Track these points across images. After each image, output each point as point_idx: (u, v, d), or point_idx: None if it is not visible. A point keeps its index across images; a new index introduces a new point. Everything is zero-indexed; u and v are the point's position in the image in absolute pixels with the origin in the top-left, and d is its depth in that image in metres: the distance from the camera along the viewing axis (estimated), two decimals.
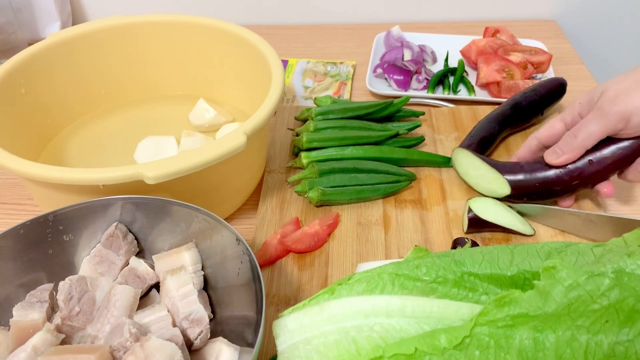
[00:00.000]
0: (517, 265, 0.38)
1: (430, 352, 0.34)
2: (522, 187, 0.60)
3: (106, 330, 0.43)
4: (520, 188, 0.60)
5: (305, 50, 0.98)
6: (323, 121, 0.69)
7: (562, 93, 0.75)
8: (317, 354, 0.37)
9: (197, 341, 0.44)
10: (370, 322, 0.37)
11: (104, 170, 0.49)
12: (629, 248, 0.36)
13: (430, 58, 0.91)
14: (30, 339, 0.41)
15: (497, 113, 0.71)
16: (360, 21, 1.07)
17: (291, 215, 0.63)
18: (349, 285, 0.40)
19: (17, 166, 0.51)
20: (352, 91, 0.87)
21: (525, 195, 0.60)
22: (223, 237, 0.47)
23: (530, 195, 0.60)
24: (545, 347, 0.33)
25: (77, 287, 0.45)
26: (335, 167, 0.65)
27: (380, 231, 0.60)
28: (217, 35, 0.73)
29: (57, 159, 0.70)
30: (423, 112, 0.76)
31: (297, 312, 0.40)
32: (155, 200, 0.49)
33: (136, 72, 0.77)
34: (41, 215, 0.47)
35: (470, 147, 0.67)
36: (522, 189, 0.60)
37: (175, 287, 0.45)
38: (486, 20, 1.05)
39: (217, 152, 0.51)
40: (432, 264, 0.39)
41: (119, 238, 0.49)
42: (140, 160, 0.68)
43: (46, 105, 0.71)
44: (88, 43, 0.72)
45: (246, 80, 0.72)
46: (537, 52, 0.87)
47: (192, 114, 0.74)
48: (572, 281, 0.33)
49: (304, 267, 0.57)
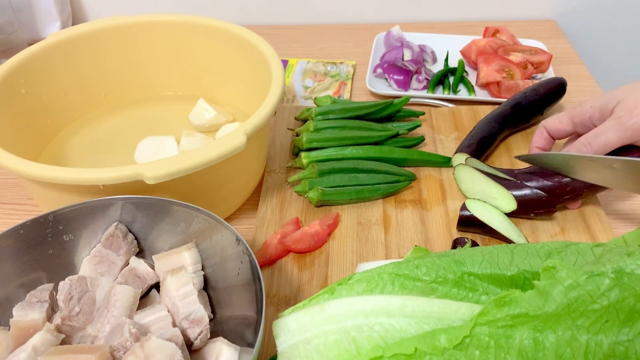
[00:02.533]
0: (517, 265, 0.38)
1: (430, 352, 0.34)
2: (528, 202, 0.58)
3: (106, 330, 0.43)
4: (527, 202, 0.58)
5: (305, 50, 0.98)
6: (323, 121, 0.69)
7: (562, 93, 0.75)
8: (317, 354, 0.37)
9: (197, 341, 0.44)
10: (370, 322, 0.37)
11: (104, 170, 0.49)
12: (629, 248, 0.36)
13: (430, 58, 0.91)
14: (30, 339, 0.41)
15: (497, 113, 0.71)
16: (360, 21, 1.07)
17: (291, 215, 0.63)
18: (349, 285, 0.40)
19: (17, 166, 0.51)
20: (352, 91, 0.87)
21: (532, 209, 0.59)
22: (223, 237, 0.47)
23: (537, 208, 0.59)
24: (545, 347, 0.33)
25: (77, 287, 0.45)
26: (335, 167, 0.65)
27: (380, 231, 0.60)
28: (217, 35, 0.73)
29: (57, 159, 0.70)
30: (423, 112, 0.76)
31: (297, 312, 0.40)
32: (155, 200, 0.49)
33: (136, 72, 0.77)
34: (41, 215, 0.47)
35: (470, 147, 0.67)
36: (529, 202, 0.58)
37: (175, 287, 0.45)
38: (486, 20, 1.05)
39: (217, 152, 0.51)
40: (432, 264, 0.39)
41: (119, 238, 0.49)
42: (140, 160, 0.68)
43: (46, 105, 0.71)
44: (88, 43, 0.72)
45: (246, 80, 0.72)
46: (537, 52, 0.87)
47: (192, 114, 0.74)
48: (572, 281, 0.33)
49: (304, 267, 0.57)
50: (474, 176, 0.62)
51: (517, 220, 0.60)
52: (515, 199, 0.58)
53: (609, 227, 0.60)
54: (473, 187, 0.62)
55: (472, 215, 0.58)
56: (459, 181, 0.64)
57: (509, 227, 0.58)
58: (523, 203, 0.58)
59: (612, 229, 0.60)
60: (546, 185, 0.58)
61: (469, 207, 0.59)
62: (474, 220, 0.58)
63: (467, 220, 0.59)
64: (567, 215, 0.61)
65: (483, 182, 0.61)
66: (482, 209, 0.59)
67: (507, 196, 0.59)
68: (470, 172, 0.62)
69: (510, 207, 0.59)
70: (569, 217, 0.61)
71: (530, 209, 0.59)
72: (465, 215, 0.59)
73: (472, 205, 0.59)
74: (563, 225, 0.60)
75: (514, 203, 0.58)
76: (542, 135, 0.63)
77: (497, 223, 0.58)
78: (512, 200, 0.58)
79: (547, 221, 0.61)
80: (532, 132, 0.74)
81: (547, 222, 0.61)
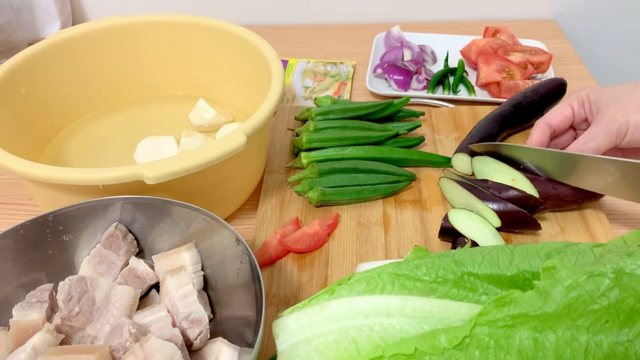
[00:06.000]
0: (517, 265, 0.38)
1: (430, 352, 0.34)
2: (509, 215, 0.57)
3: (106, 331, 0.43)
4: (508, 215, 0.57)
5: (305, 50, 0.98)
6: (323, 121, 0.69)
7: (562, 93, 0.75)
8: (317, 354, 0.37)
9: (196, 341, 0.44)
10: (370, 322, 0.37)
11: (104, 170, 0.49)
12: (629, 248, 0.36)
13: (430, 58, 0.91)
14: (30, 339, 0.41)
15: (496, 113, 0.71)
16: (360, 21, 1.07)
17: (291, 215, 0.63)
18: (349, 285, 0.40)
19: (17, 166, 0.51)
20: (352, 91, 0.87)
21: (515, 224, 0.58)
22: (223, 238, 0.47)
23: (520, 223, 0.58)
24: (545, 347, 0.33)
25: (77, 287, 0.45)
26: (335, 167, 0.65)
27: (380, 231, 0.60)
28: (217, 35, 0.73)
29: (57, 159, 0.70)
30: (423, 113, 0.76)
31: (297, 312, 0.40)
32: (155, 200, 0.49)
33: (136, 72, 0.77)
34: (41, 215, 0.47)
35: (469, 147, 0.67)
36: (510, 215, 0.57)
37: (175, 287, 0.45)
38: (486, 20, 1.05)
39: (217, 152, 0.51)
40: (432, 264, 0.39)
41: (118, 238, 0.49)
42: (140, 160, 0.68)
43: (46, 105, 0.71)
44: (88, 43, 0.72)
45: (246, 80, 0.72)
46: (537, 52, 0.87)
47: (192, 114, 0.74)
48: (572, 281, 0.33)
49: (304, 267, 0.57)
50: (458, 191, 0.61)
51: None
52: (497, 215, 0.57)
53: (608, 228, 0.60)
54: (459, 199, 0.61)
55: (454, 227, 0.57)
56: (444, 192, 0.64)
57: (492, 240, 0.56)
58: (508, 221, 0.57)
59: (612, 229, 0.60)
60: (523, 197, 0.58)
61: (451, 220, 0.57)
62: (455, 232, 0.57)
63: (448, 230, 0.57)
64: (567, 216, 0.61)
65: (467, 197, 0.60)
66: (467, 219, 0.57)
67: (491, 214, 0.57)
68: (452, 185, 0.62)
69: (494, 225, 0.57)
70: (569, 217, 0.61)
71: (515, 227, 0.58)
72: (447, 226, 0.57)
73: (454, 216, 0.57)
74: (563, 225, 0.60)
75: (498, 221, 0.57)
76: (545, 133, 0.62)
77: (480, 236, 0.56)
78: (495, 219, 0.57)
79: (547, 221, 0.61)
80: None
81: (547, 222, 0.61)
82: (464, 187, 0.60)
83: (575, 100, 0.62)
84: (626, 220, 0.63)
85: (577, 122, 0.63)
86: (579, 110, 0.62)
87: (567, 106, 0.62)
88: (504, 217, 0.57)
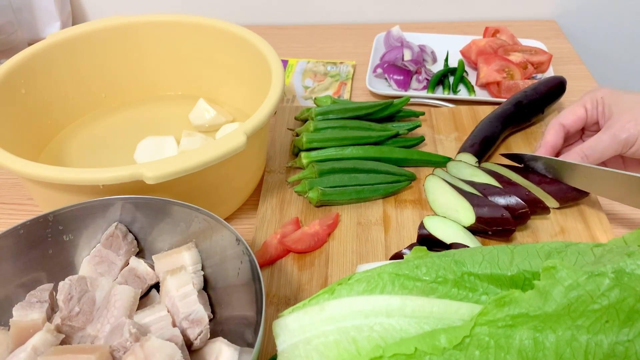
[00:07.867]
0: (517, 265, 0.38)
1: (430, 352, 0.34)
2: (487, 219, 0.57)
3: (106, 331, 0.43)
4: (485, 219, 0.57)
5: (305, 50, 0.98)
6: (323, 121, 0.69)
7: (562, 91, 0.75)
8: (317, 354, 0.37)
9: (197, 341, 0.44)
10: (370, 322, 0.37)
11: (104, 170, 0.49)
12: (629, 248, 0.36)
13: (430, 58, 0.91)
14: (30, 339, 0.41)
15: (498, 112, 0.71)
16: (360, 21, 1.07)
17: (291, 215, 0.63)
18: (349, 285, 0.40)
19: (17, 166, 0.51)
20: (352, 91, 0.87)
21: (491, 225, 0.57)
22: (223, 237, 0.47)
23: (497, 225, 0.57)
24: (545, 347, 0.33)
25: (77, 287, 0.45)
26: (335, 167, 0.65)
27: (380, 231, 0.60)
28: (217, 35, 0.73)
29: (57, 159, 0.70)
30: (423, 112, 0.76)
31: (297, 312, 0.40)
32: (155, 200, 0.49)
33: (136, 72, 0.77)
34: (41, 215, 0.47)
35: (473, 147, 0.67)
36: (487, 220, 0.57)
37: (175, 287, 0.45)
38: (486, 20, 1.05)
39: (217, 152, 0.51)
40: (432, 264, 0.39)
41: (119, 238, 0.49)
42: (140, 160, 0.68)
43: (46, 105, 0.71)
44: (88, 43, 0.72)
45: (246, 80, 0.72)
46: (537, 52, 0.87)
47: (192, 114, 0.74)
48: (572, 281, 0.33)
49: (304, 267, 0.57)
50: (440, 186, 0.61)
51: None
52: (474, 213, 0.57)
53: (608, 228, 0.60)
54: (439, 197, 0.61)
55: (431, 234, 0.56)
56: (427, 192, 0.63)
57: (468, 243, 0.55)
58: (483, 219, 0.57)
59: (612, 229, 0.60)
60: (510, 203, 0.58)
61: (426, 226, 0.57)
62: (433, 239, 0.56)
63: (426, 238, 0.57)
64: (567, 216, 0.61)
65: (448, 193, 0.60)
66: (441, 224, 0.57)
67: (468, 208, 0.57)
68: (438, 183, 0.62)
69: (469, 220, 0.57)
70: (569, 217, 0.61)
71: (489, 226, 0.57)
72: (424, 234, 0.57)
73: (429, 223, 0.57)
74: (563, 225, 0.60)
75: (473, 216, 0.57)
76: (559, 133, 0.62)
77: (454, 240, 0.56)
78: (471, 213, 0.57)
79: (547, 221, 0.61)
80: (531, 131, 0.74)
81: (547, 222, 0.61)
82: (448, 184, 0.60)
83: (589, 101, 0.61)
84: (626, 220, 0.63)
85: (589, 124, 0.63)
86: (592, 111, 0.61)
87: (581, 107, 0.62)
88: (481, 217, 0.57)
